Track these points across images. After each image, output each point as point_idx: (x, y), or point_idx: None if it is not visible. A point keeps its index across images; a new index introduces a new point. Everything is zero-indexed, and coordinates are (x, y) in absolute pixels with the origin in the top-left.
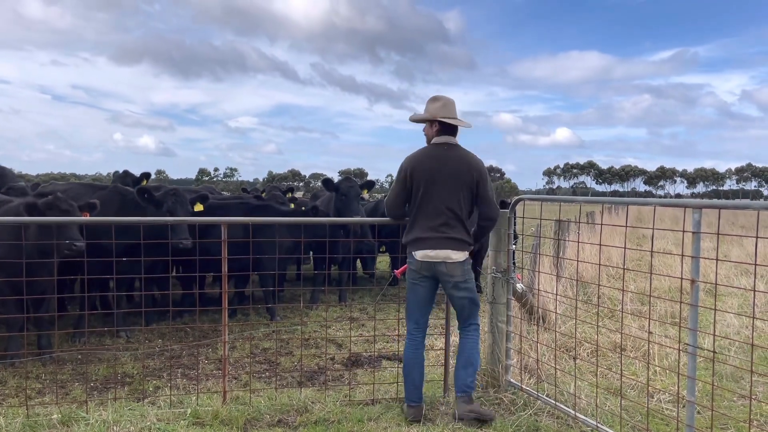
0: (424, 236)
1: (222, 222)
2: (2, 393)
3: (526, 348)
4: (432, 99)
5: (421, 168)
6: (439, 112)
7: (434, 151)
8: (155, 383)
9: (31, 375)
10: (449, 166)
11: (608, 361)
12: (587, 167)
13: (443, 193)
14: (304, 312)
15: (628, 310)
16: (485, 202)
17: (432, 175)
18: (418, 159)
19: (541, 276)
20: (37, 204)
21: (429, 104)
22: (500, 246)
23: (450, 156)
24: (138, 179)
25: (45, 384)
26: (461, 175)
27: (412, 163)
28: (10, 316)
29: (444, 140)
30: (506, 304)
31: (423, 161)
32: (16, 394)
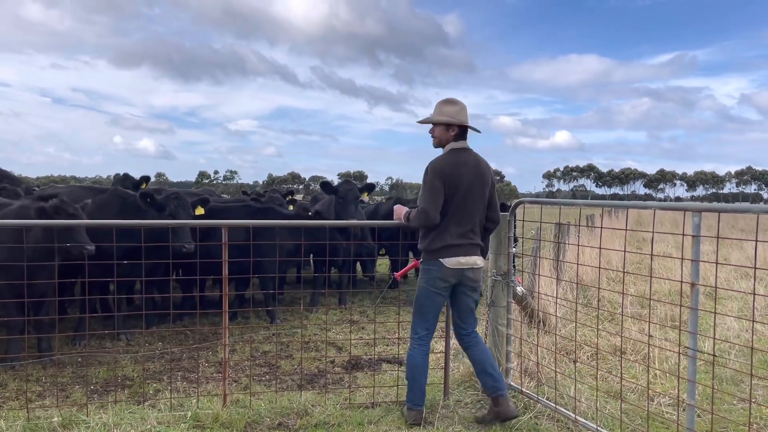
0: (456, 243)
1: (223, 225)
2: (3, 396)
3: (526, 351)
4: (447, 102)
5: (458, 174)
6: (459, 116)
7: (462, 158)
8: (155, 386)
9: (31, 378)
10: (476, 173)
11: (608, 364)
12: (587, 170)
13: (472, 200)
14: (304, 315)
15: (628, 313)
16: (494, 207)
17: (464, 182)
18: (453, 165)
19: (542, 279)
20: (46, 208)
21: (444, 107)
22: (500, 249)
23: (473, 162)
24: (137, 182)
25: (45, 387)
26: (484, 181)
27: (449, 170)
28: (10, 319)
29: (463, 145)
30: (506, 307)
31: (458, 167)
32: (16, 397)
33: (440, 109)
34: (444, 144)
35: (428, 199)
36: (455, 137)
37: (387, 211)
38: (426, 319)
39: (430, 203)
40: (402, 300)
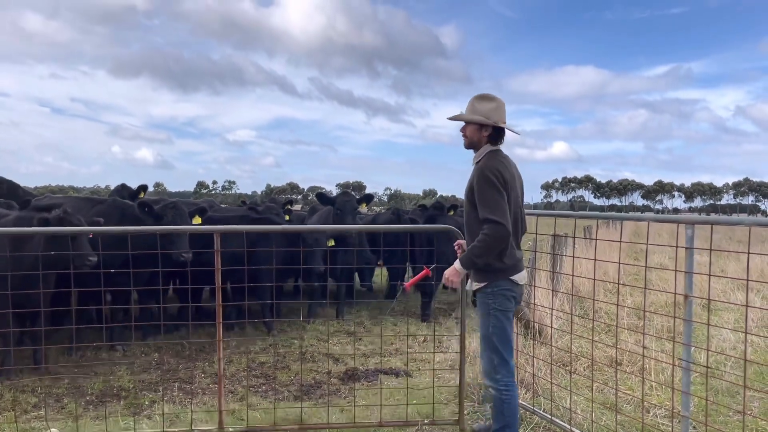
0: (520, 257)
1: (215, 231)
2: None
3: (522, 362)
4: (481, 98)
5: (512, 179)
6: (494, 115)
7: (508, 161)
8: (151, 397)
9: (26, 389)
10: (520, 181)
11: (605, 375)
12: (585, 181)
13: (521, 209)
14: (302, 326)
15: (624, 324)
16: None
17: (517, 188)
18: (506, 169)
19: (538, 290)
20: (49, 219)
21: (477, 104)
22: None
23: (515, 168)
24: (135, 192)
25: (41, 398)
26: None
27: (506, 174)
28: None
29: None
30: None
31: (510, 172)
32: (11, 407)
33: (473, 106)
34: (477, 145)
35: (499, 208)
36: (489, 138)
37: (385, 221)
38: (512, 344)
39: (503, 213)
40: (398, 312)
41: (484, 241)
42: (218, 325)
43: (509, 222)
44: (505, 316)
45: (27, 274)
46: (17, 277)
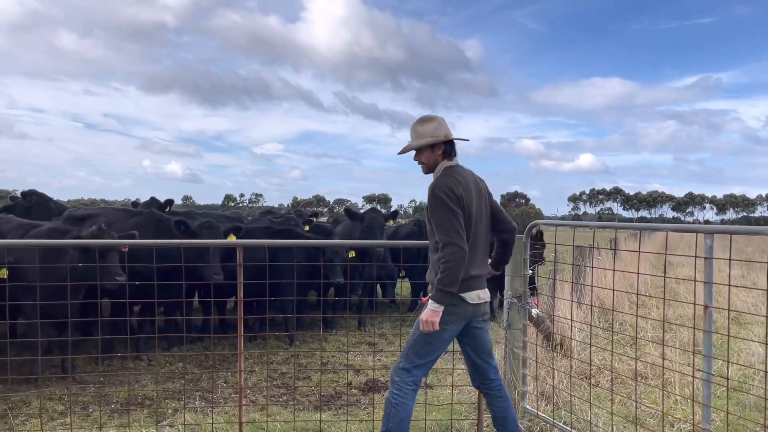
0: (475, 274)
1: (238, 245)
2: (26, 413)
3: (542, 374)
4: (421, 121)
5: (466, 193)
6: (439, 131)
7: (462, 175)
8: (174, 405)
9: (53, 396)
10: (477, 191)
11: (628, 389)
12: (614, 193)
13: (481, 222)
14: (323, 337)
15: (648, 336)
16: (504, 214)
17: (473, 202)
18: (459, 184)
19: (560, 302)
20: (82, 236)
21: (420, 128)
22: (516, 271)
23: (471, 178)
24: (162, 205)
25: (67, 405)
26: (486, 197)
27: (459, 190)
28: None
29: (456, 162)
30: (522, 329)
31: (463, 186)
32: (39, 414)
33: (417, 131)
34: (434, 167)
35: (453, 229)
36: (444, 155)
37: (407, 233)
38: (430, 360)
39: (456, 234)
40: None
41: (446, 268)
42: (240, 337)
43: (464, 240)
44: (439, 329)
45: (57, 285)
46: (48, 288)
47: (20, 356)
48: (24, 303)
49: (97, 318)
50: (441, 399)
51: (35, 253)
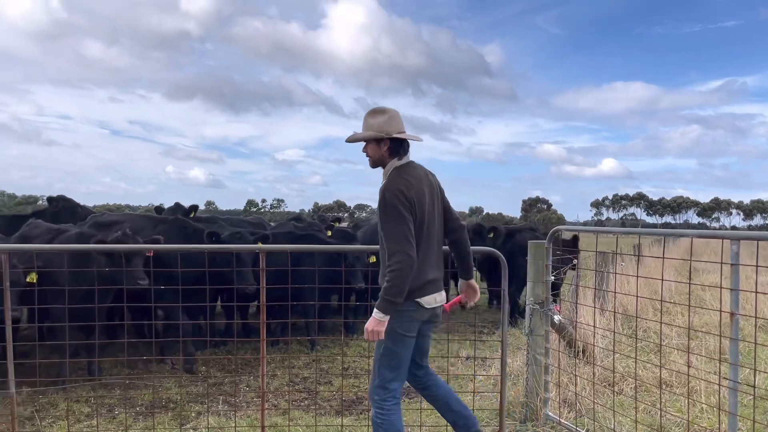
0: (431, 278)
1: (260, 249)
2: (53, 415)
3: (565, 381)
4: (373, 113)
5: (418, 194)
6: (389, 126)
7: (414, 174)
8: (197, 409)
9: (80, 399)
10: (431, 191)
11: (652, 397)
12: (637, 199)
13: (433, 223)
14: (344, 342)
15: (673, 344)
16: (454, 212)
17: (425, 202)
18: (411, 185)
19: (583, 308)
20: (107, 241)
21: (370, 119)
22: (538, 277)
23: (424, 177)
24: (187, 211)
25: (93, 408)
26: (439, 196)
27: (409, 192)
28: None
29: (408, 161)
30: (544, 336)
31: (415, 187)
32: (66, 416)
33: (367, 123)
34: (380, 162)
35: (401, 235)
36: (391, 152)
37: None
38: (402, 370)
39: (405, 241)
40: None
41: (393, 277)
42: (262, 341)
43: (413, 247)
44: (400, 339)
45: (85, 289)
46: (76, 292)
47: (48, 359)
48: (53, 306)
49: (123, 322)
50: None
51: (64, 258)
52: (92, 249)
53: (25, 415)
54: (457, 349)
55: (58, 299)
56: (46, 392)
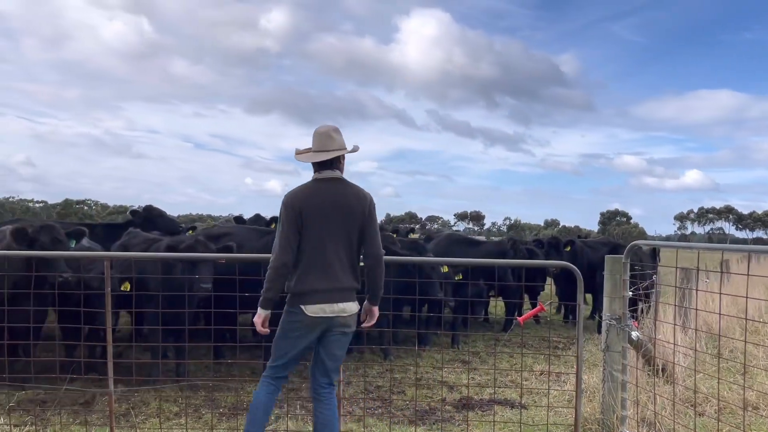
0: (320, 288)
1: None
2: (145, 413)
3: (644, 400)
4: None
5: (313, 205)
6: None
7: (323, 187)
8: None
9: (169, 398)
10: (336, 204)
11: (737, 419)
12: (725, 212)
13: (337, 237)
14: (418, 353)
15: (760, 365)
16: (370, 241)
17: (322, 214)
18: (309, 196)
19: (664, 325)
20: (179, 249)
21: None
22: (615, 292)
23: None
24: (268, 222)
25: (181, 407)
26: (351, 213)
27: (301, 202)
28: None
29: (329, 175)
30: (621, 352)
31: (314, 198)
32: (156, 414)
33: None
34: None
35: (281, 241)
36: (317, 167)
37: (500, 251)
38: (284, 360)
39: (279, 242)
40: (516, 343)
41: (266, 277)
42: None
43: (288, 254)
44: (284, 334)
45: (174, 294)
46: (166, 297)
47: (141, 360)
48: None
49: (210, 326)
50: (536, 420)
51: (157, 265)
52: (181, 257)
53: (120, 411)
54: (531, 363)
55: (151, 304)
56: (140, 391)
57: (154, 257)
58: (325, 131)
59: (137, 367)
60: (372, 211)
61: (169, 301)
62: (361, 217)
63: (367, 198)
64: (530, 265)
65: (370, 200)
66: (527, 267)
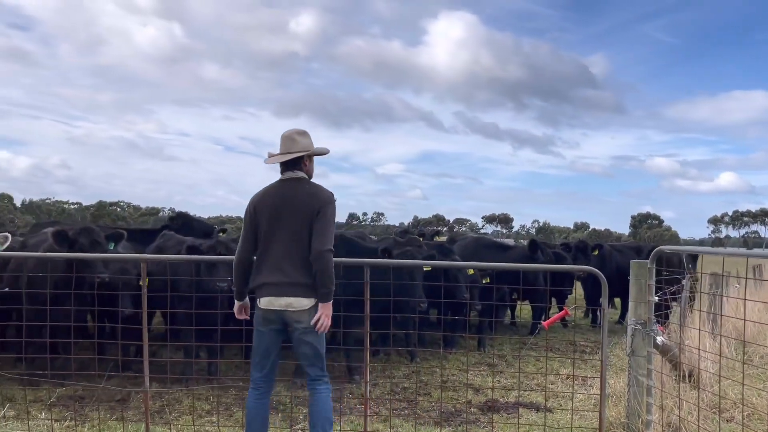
0: (269, 281)
1: (364, 264)
2: (178, 411)
3: (669, 405)
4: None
5: (266, 204)
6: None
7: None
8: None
9: (201, 396)
10: (286, 202)
11: (765, 425)
12: (760, 215)
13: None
14: (443, 355)
15: None
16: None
17: (273, 212)
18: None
19: (691, 331)
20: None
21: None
22: (640, 297)
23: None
24: None
25: (213, 405)
26: (300, 210)
27: (258, 200)
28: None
29: (290, 176)
30: (646, 357)
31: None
32: (189, 412)
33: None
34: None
35: (240, 237)
36: (281, 168)
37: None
38: (256, 357)
39: (240, 242)
40: (541, 346)
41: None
42: (366, 351)
43: (243, 250)
44: (255, 329)
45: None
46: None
47: (175, 358)
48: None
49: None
50: (561, 423)
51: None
52: (215, 260)
53: (155, 408)
54: (557, 366)
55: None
56: (172, 388)
57: (180, 259)
58: (289, 135)
59: (171, 365)
60: (324, 210)
61: (200, 302)
62: (311, 214)
63: (320, 196)
64: (555, 269)
65: (326, 199)
66: (552, 271)
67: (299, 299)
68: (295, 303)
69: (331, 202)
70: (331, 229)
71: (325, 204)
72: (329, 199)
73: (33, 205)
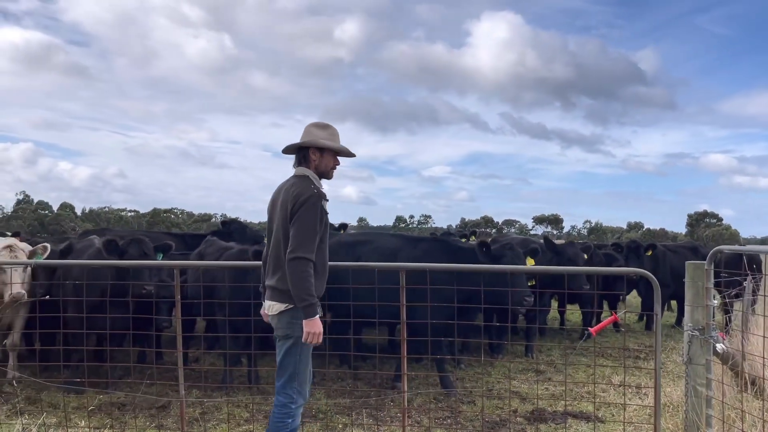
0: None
1: (400, 268)
2: (216, 418)
3: (732, 417)
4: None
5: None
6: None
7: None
8: (343, 420)
9: (240, 404)
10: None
11: None
12: None
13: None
14: (488, 362)
15: None
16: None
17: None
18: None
19: (754, 337)
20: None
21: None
22: (697, 301)
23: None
24: (336, 229)
25: (251, 413)
26: (281, 208)
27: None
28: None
29: (294, 172)
30: (705, 365)
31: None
32: (227, 419)
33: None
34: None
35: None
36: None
37: (572, 255)
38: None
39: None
40: (589, 351)
41: None
42: (402, 359)
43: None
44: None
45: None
46: (238, 305)
47: (214, 366)
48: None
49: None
50: None
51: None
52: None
53: (193, 416)
54: (609, 374)
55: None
56: (212, 396)
57: (212, 266)
58: (306, 127)
59: (210, 372)
60: (300, 212)
61: (239, 309)
62: (287, 216)
63: (299, 197)
64: (604, 272)
65: (302, 200)
66: (600, 275)
67: (273, 303)
68: (270, 307)
69: (308, 204)
70: (307, 234)
71: (300, 205)
72: (305, 200)
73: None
